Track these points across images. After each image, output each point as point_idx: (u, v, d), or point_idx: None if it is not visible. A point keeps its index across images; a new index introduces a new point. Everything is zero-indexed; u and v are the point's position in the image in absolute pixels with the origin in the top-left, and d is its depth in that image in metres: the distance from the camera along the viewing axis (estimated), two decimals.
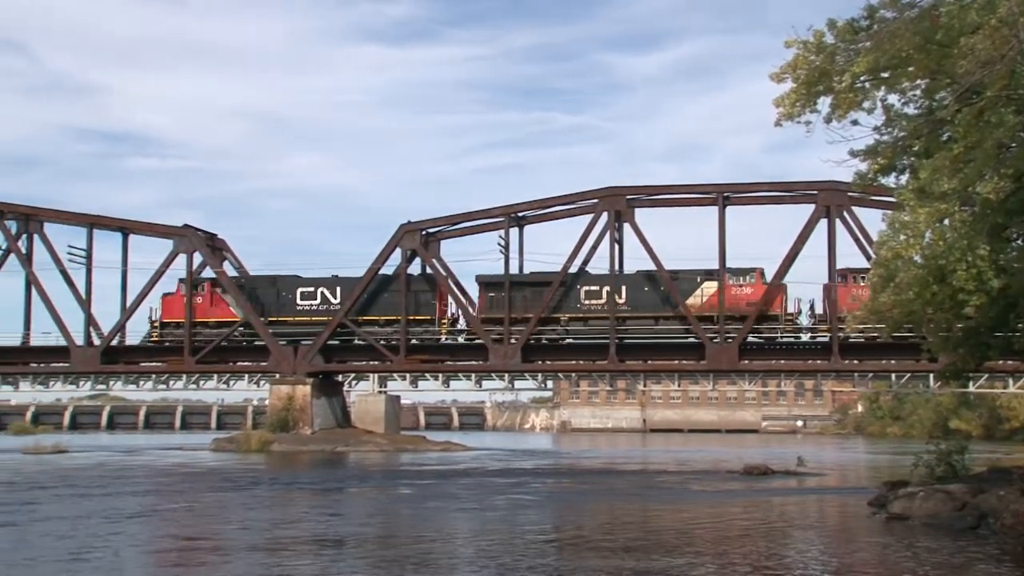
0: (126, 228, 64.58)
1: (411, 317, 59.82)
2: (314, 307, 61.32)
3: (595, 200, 58.77)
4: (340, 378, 66.63)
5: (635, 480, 38.63)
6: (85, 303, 62.43)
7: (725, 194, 57.80)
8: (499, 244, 60.02)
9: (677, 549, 18.65)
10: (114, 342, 63.23)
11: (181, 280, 62.19)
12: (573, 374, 79.52)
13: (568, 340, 59.92)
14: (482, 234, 61.64)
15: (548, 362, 63.00)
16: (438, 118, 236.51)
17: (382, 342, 60.00)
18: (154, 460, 50.90)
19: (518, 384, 71.75)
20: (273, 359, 61.29)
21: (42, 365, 65.57)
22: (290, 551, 18.17)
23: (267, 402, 67.59)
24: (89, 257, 62.51)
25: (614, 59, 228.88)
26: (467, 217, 61.12)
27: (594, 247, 59.56)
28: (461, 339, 61.68)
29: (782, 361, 60.51)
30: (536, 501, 28.82)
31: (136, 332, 64.41)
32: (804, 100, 19.91)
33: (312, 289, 61.56)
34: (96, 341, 62.81)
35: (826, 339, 56.59)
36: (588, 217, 58.92)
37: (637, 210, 58.58)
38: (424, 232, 60.76)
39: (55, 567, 16.48)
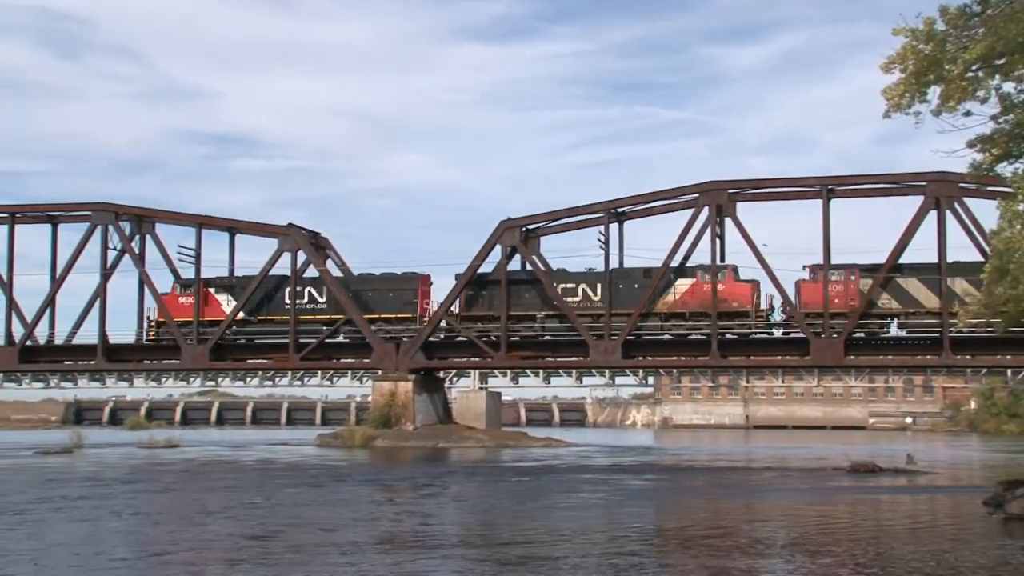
0: (233, 228, 66.08)
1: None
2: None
3: (695, 195, 58.17)
4: (441, 374, 67.15)
5: (738, 477, 38.13)
6: (195, 302, 63.99)
7: (829, 187, 56.72)
8: (599, 240, 59.95)
9: (783, 548, 18.32)
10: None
11: (176, 281, 64.83)
12: (675, 370, 78.88)
13: (667, 336, 59.60)
14: (582, 230, 61.62)
15: (649, 358, 62.57)
16: (538, 115, 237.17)
17: (483, 338, 60.44)
18: (262, 455, 51.98)
19: (619, 380, 71.36)
20: (376, 356, 62.04)
21: (155, 362, 67.47)
22: (405, 549, 18.37)
23: (370, 398, 68.47)
24: (198, 257, 64.14)
25: (715, 52, 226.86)
26: (567, 213, 61.02)
27: (695, 242, 59.17)
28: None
29: (889, 357, 59.12)
30: (639, 498, 28.62)
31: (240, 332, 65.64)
32: (913, 90, 19.31)
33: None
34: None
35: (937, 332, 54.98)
36: (689, 212, 58.44)
37: (739, 204, 57.86)
38: (524, 229, 60.85)
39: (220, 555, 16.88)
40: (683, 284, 58.52)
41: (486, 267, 61.19)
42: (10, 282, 65.01)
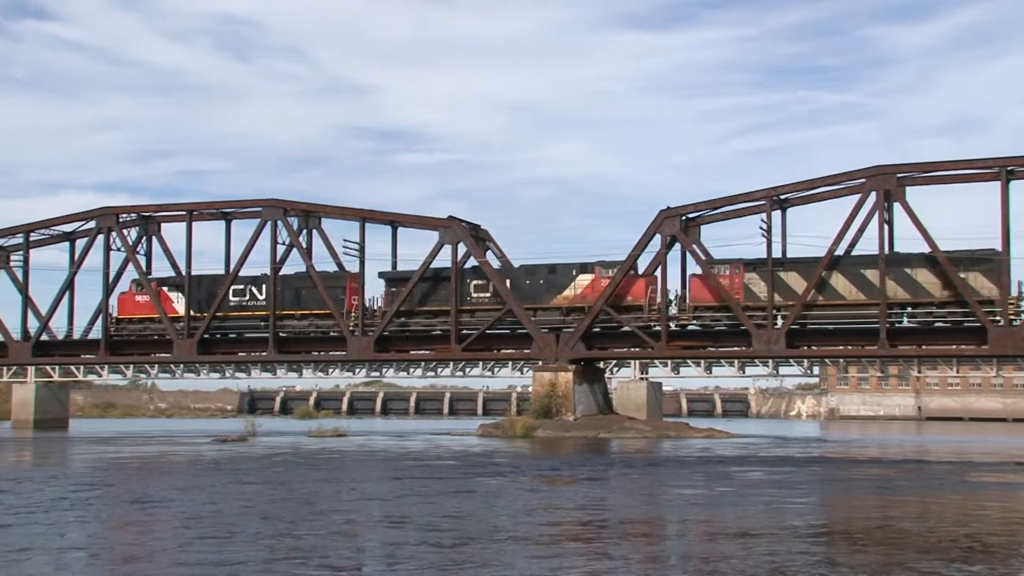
0: (395, 221, 67.41)
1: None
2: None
3: (862, 180, 56.35)
4: (602, 364, 67.02)
5: (910, 469, 36.70)
6: (359, 295, 65.61)
7: (1009, 168, 53.98)
8: (761, 228, 58.72)
9: (967, 550, 17.51)
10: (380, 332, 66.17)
11: (134, 280, 69.79)
12: (841, 360, 76.72)
13: (832, 325, 57.99)
14: (743, 218, 60.52)
15: (814, 347, 61.00)
16: (698, 102, 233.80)
17: (642, 328, 60.10)
18: (428, 444, 52.94)
19: (783, 370, 69.85)
20: (536, 346, 62.36)
21: (322, 353, 69.53)
22: (571, 541, 18.37)
23: (530, 389, 68.89)
24: (362, 250, 65.72)
25: (882, 32, 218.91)
26: (728, 201, 59.97)
27: (861, 228, 57.36)
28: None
29: None
30: (806, 491, 27.86)
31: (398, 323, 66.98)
32: None
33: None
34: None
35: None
36: (855, 198, 56.66)
37: (908, 188, 55.76)
38: (684, 217, 60.10)
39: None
40: (584, 279, 61.25)
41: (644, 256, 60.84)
42: (188, 276, 68.03)
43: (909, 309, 56.27)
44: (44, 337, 72.43)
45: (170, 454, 44.37)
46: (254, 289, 67.16)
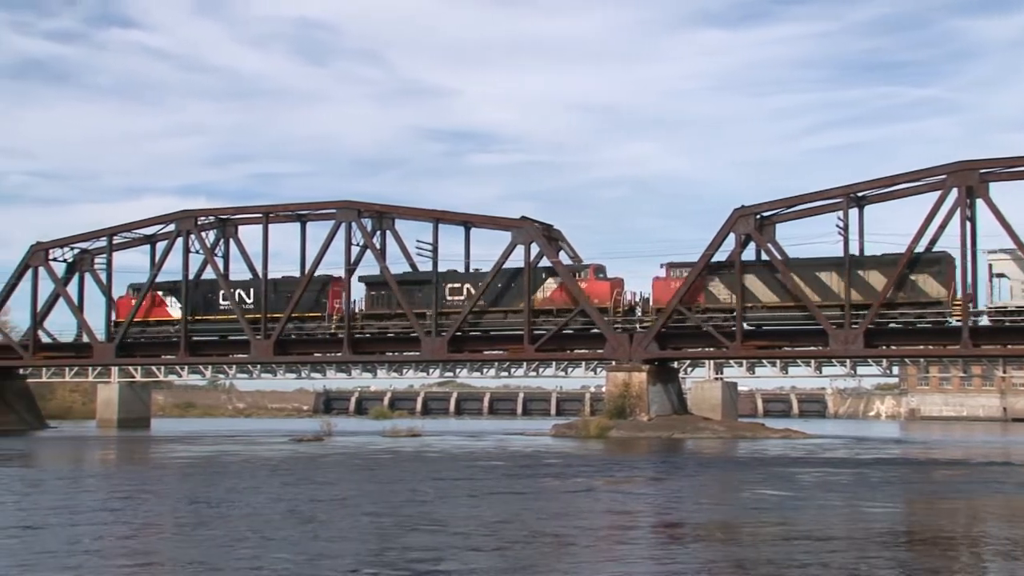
0: (468, 222, 67.60)
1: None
2: None
3: (943, 176, 55.22)
4: (676, 364, 66.54)
5: (996, 472, 35.75)
6: (432, 294, 65.89)
7: None
8: (837, 226, 57.85)
9: None
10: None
11: (130, 285, 72.97)
12: (922, 360, 75.34)
13: (919, 325, 57.11)
14: (819, 216, 59.63)
15: (893, 347, 59.92)
16: (774, 99, 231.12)
17: (718, 328, 59.59)
18: (504, 444, 53.00)
19: (861, 370, 68.65)
20: (609, 346, 62.13)
21: (396, 354, 70.04)
22: (643, 542, 18.23)
23: (604, 389, 68.64)
24: (435, 251, 66.03)
25: (965, 24, 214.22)
26: (803, 199, 59.15)
27: (942, 226, 56.24)
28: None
29: None
30: (888, 493, 27.28)
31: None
32: None
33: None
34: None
35: None
36: (935, 195, 55.53)
37: (992, 185, 54.48)
38: (759, 216, 59.40)
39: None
40: (551, 284, 63.38)
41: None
42: (265, 278, 68.96)
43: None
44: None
45: (247, 452, 45.00)
46: (243, 292, 69.83)
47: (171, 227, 71.63)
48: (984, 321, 56.39)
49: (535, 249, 63.41)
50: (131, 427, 76.82)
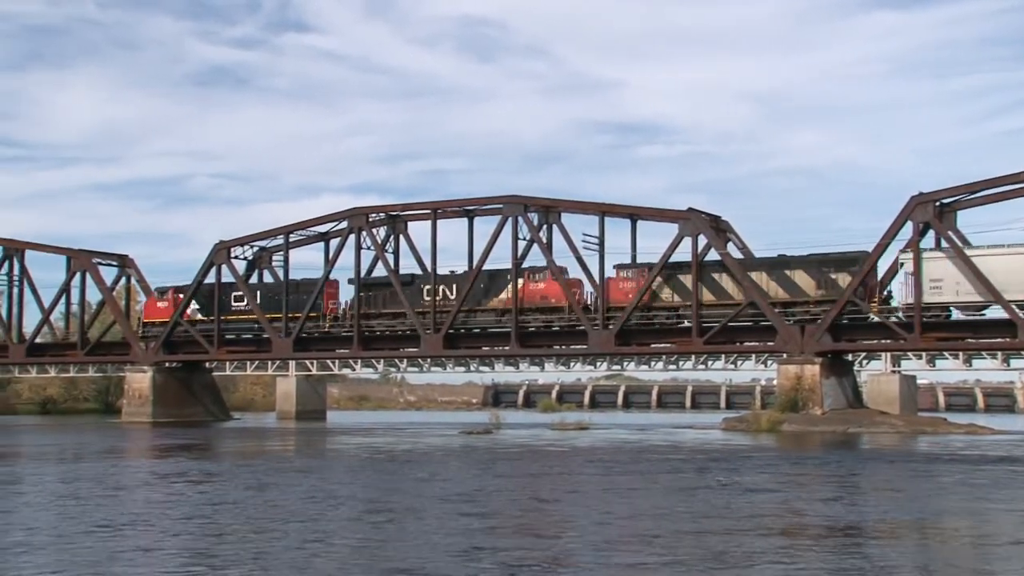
0: (635, 215, 67.10)
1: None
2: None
3: None
4: (850, 357, 64.50)
5: None
6: (598, 287, 65.71)
7: None
8: None
9: None
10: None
11: (156, 288, 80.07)
12: None
13: None
14: (1006, 202, 56.64)
15: None
16: (953, 81, 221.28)
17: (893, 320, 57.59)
18: (676, 439, 52.48)
19: None
20: (780, 339, 60.70)
21: (563, 348, 70.16)
22: (822, 540, 17.74)
23: (775, 382, 67.13)
24: (601, 244, 65.76)
25: None
26: (989, 184, 56.26)
27: None
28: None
29: None
30: None
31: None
32: None
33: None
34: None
35: None
36: None
37: None
38: (938, 203, 56.90)
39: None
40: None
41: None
42: (434, 273, 70.14)
43: None
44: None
45: (422, 445, 45.93)
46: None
47: (343, 224, 73.62)
48: None
49: (703, 241, 62.48)
50: (308, 419, 79.54)
